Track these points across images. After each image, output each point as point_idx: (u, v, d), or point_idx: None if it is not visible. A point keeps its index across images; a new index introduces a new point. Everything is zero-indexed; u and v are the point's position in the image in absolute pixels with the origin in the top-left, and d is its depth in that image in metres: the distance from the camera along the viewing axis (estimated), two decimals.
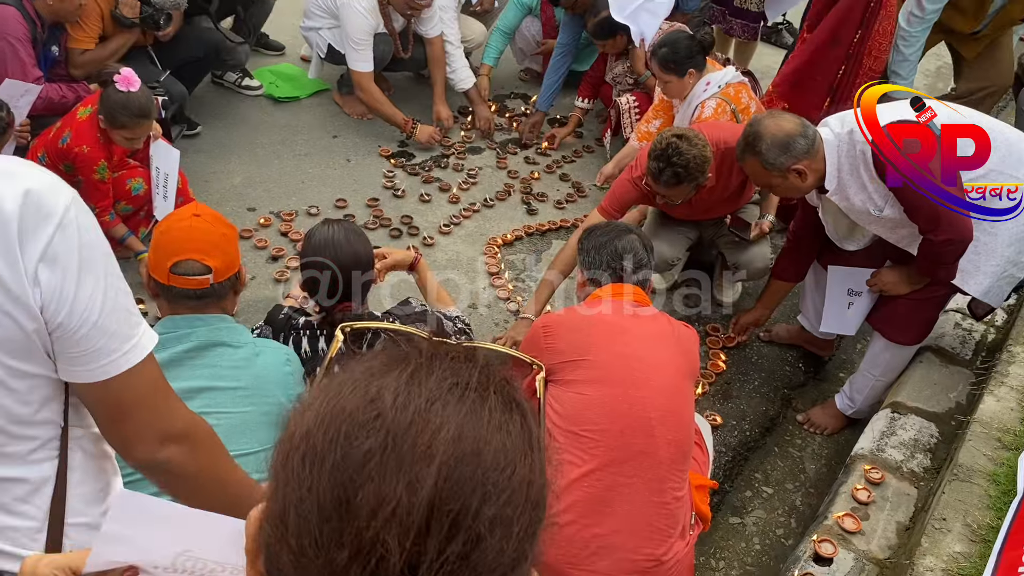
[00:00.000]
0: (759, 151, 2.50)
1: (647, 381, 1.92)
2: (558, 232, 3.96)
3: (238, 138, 4.30)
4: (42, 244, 0.91)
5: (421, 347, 0.70)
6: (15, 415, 0.96)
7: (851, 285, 2.90)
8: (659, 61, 3.47)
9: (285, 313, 2.22)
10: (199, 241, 1.84)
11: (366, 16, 4.12)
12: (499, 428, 0.64)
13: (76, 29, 3.56)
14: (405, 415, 0.61)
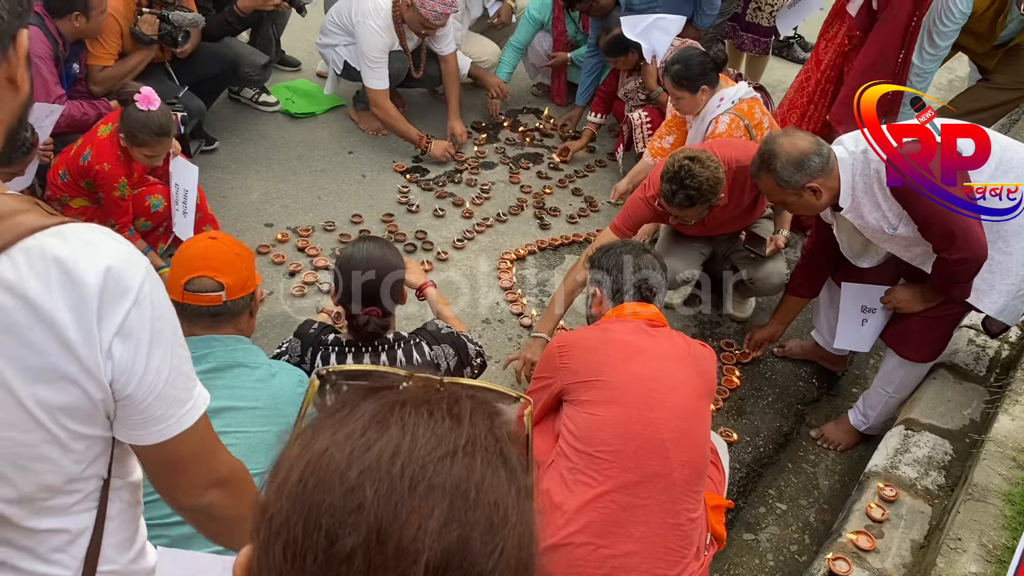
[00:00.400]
0: (774, 169, 2.52)
1: (662, 402, 1.93)
2: (571, 247, 3.98)
3: (255, 154, 4.35)
4: (119, 319, 0.93)
5: (402, 399, 0.68)
6: (68, 473, 0.97)
7: (865, 302, 2.91)
8: (672, 77, 3.49)
9: (315, 328, 2.25)
10: (212, 259, 1.88)
11: (381, 34, 4.17)
12: (488, 500, 0.62)
13: (95, 46, 3.61)
14: (388, 506, 0.59)
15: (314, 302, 3.44)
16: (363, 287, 2.13)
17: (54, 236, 0.90)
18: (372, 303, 2.14)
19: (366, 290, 2.13)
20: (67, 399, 0.92)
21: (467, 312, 3.49)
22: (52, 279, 0.88)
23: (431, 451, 0.64)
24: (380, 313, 2.14)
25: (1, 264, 0.86)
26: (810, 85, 3.94)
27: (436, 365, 2.20)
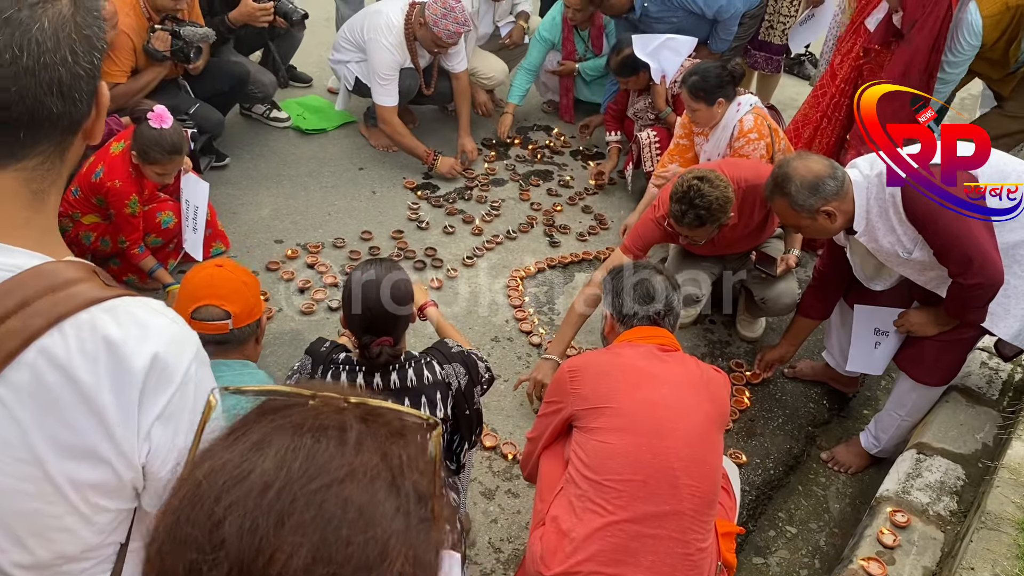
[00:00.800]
0: (788, 192, 2.51)
1: (672, 430, 1.92)
2: (580, 265, 3.97)
3: (266, 170, 4.37)
4: (161, 405, 0.91)
5: (293, 422, 0.67)
6: (88, 544, 0.96)
7: (877, 324, 2.89)
8: (689, 89, 3.49)
9: (327, 347, 2.24)
10: (219, 287, 1.88)
11: (392, 52, 4.19)
12: (366, 535, 0.61)
13: (108, 63, 3.62)
14: (252, 543, 0.58)
15: (323, 319, 3.44)
16: (374, 317, 2.08)
17: (107, 312, 0.88)
18: (384, 332, 2.12)
19: (378, 320, 2.09)
20: (98, 477, 0.90)
21: (476, 330, 3.49)
22: (100, 360, 0.86)
23: (307, 483, 0.62)
24: (392, 343, 2.12)
25: (52, 338, 0.85)
26: (825, 99, 3.93)
27: (447, 384, 2.19)
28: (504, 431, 2.98)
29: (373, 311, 2.06)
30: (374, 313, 2.07)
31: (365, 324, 2.08)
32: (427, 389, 2.14)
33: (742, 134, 3.46)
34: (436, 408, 2.16)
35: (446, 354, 2.23)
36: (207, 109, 3.95)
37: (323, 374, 2.17)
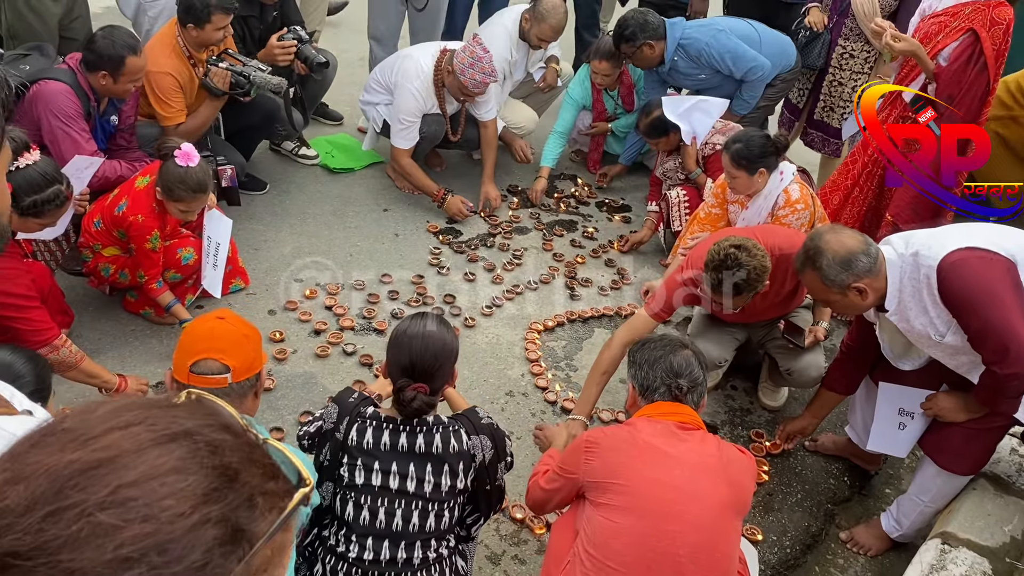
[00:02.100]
0: (820, 266, 2.44)
1: (681, 514, 1.84)
2: (601, 320, 3.91)
3: (291, 207, 4.37)
4: None
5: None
6: None
7: (903, 405, 2.80)
8: (731, 156, 3.44)
9: (355, 398, 2.21)
10: (219, 340, 1.85)
11: (417, 98, 4.22)
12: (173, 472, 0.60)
13: (163, 106, 3.67)
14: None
15: (337, 363, 3.40)
16: (415, 363, 2.09)
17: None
18: (422, 380, 2.10)
19: (418, 367, 2.09)
20: None
21: (491, 383, 3.43)
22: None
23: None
24: (428, 391, 2.10)
25: None
26: (856, 168, 3.88)
27: (472, 456, 2.15)
28: (514, 492, 2.91)
29: (415, 358, 2.08)
30: (416, 360, 2.08)
31: (406, 368, 2.09)
32: (451, 458, 2.10)
33: (788, 204, 3.42)
34: (457, 478, 2.11)
35: (475, 424, 2.19)
36: (231, 152, 3.97)
37: (348, 426, 2.13)
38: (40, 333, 2.64)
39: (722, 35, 4.34)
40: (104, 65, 3.24)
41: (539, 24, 4.47)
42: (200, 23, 3.59)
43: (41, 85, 3.21)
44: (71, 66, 3.30)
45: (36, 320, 2.65)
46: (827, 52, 4.44)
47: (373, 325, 3.63)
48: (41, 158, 2.66)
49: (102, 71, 3.25)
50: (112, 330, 3.42)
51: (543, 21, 4.46)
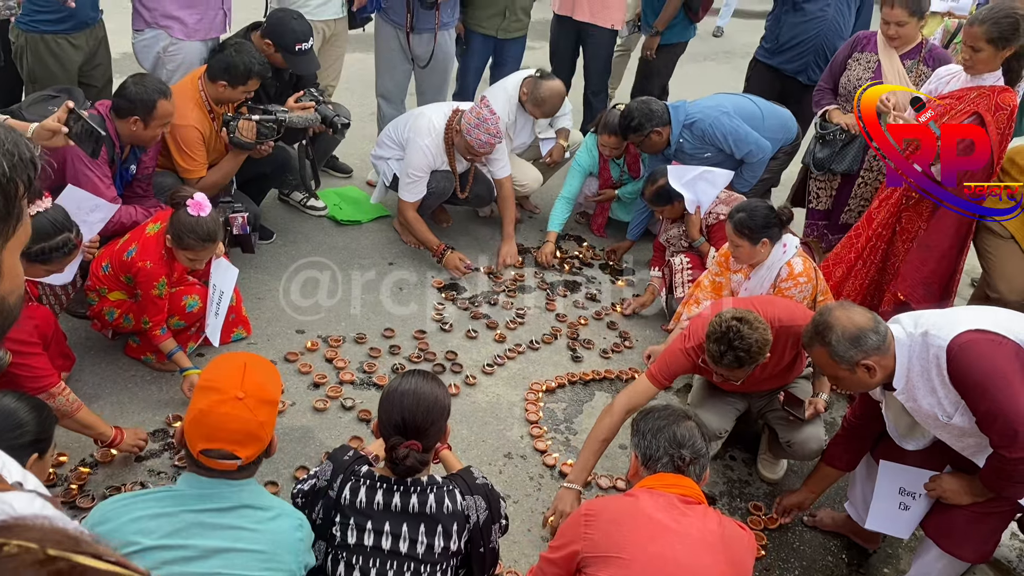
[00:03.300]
0: (828, 342, 2.45)
1: None
2: (602, 383, 3.90)
3: (297, 257, 4.39)
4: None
5: None
6: None
7: (904, 484, 2.77)
8: (735, 225, 3.48)
9: (350, 456, 2.20)
10: (235, 432, 1.83)
11: (427, 154, 4.30)
12: None
13: (187, 160, 3.72)
14: None
15: (335, 417, 3.38)
16: (407, 420, 2.09)
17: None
18: (415, 437, 2.09)
19: (410, 424, 2.09)
20: None
21: (489, 443, 3.40)
22: None
23: None
24: (420, 448, 2.09)
25: None
26: (860, 242, 3.91)
27: (466, 516, 2.13)
28: (508, 558, 2.86)
29: (407, 415, 2.08)
30: (408, 417, 2.08)
31: (398, 425, 2.09)
32: (444, 518, 2.08)
33: (791, 276, 3.44)
34: (451, 539, 2.09)
35: (470, 484, 2.18)
36: (244, 201, 4.00)
37: (342, 484, 2.12)
38: (38, 380, 2.63)
39: (724, 117, 4.42)
40: (136, 110, 3.28)
41: (533, 105, 4.62)
42: (234, 83, 3.66)
43: None
44: (100, 111, 3.34)
45: (36, 367, 2.64)
46: (862, 157, 4.28)
47: (373, 380, 3.62)
48: (53, 206, 2.69)
49: (134, 116, 3.29)
50: (112, 375, 3.41)
51: (538, 105, 4.61)
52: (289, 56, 4.04)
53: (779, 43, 4.96)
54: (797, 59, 4.96)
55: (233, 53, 3.67)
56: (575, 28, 5.46)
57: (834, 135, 4.26)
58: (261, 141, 3.79)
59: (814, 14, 4.80)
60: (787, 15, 4.92)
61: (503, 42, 5.19)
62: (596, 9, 5.33)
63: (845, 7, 4.83)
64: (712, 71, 7.32)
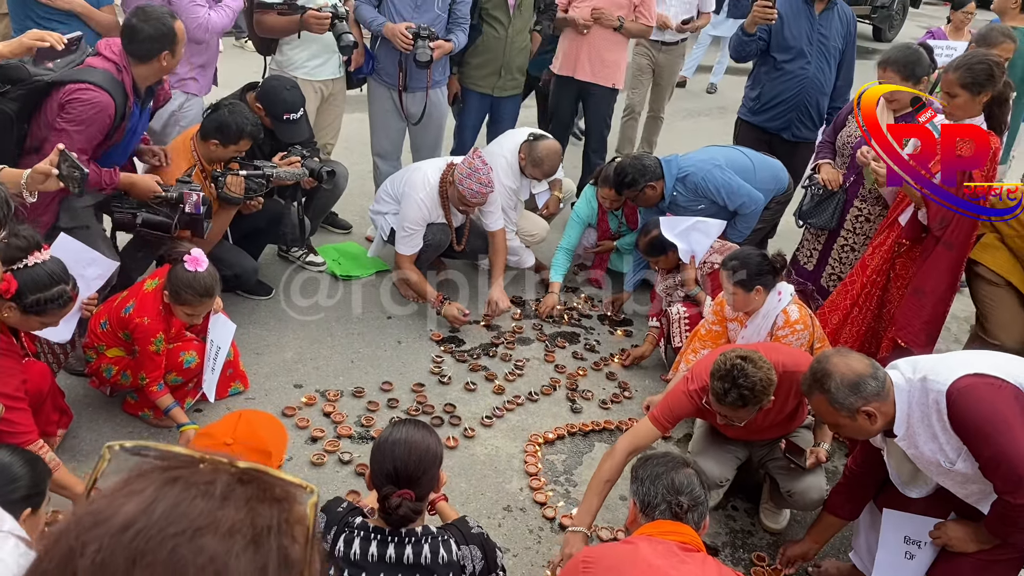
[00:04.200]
0: (828, 389, 2.44)
1: None
2: (602, 434, 3.87)
3: (296, 312, 4.40)
4: None
5: (175, 475, 0.71)
6: None
7: (909, 533, 2.73)
8: (728, 272, 3.50)
9: (343, 508, 2.18)
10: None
11: (422, 207, 4.36)
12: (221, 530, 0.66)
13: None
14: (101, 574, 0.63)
15: (333, 472, 3.35)
16: (399, 469, 2.08)
17: None
18: (407, 486, 2.08)
19: (402, 473, 2.08)
20: None
21: (488, 496, 3.37)
22: None
23: (165, 527, 0.65)
24: (413, 497, 2.08)
25: None
26: (855, 288, 3.91)
27: (462, 566, 2.10)
28: None
29: (399, 464, 2.08)
30: (400, 466, 2.08)
31: (390, 475, 2.08)
32: (440, 569, 2.06)
33: (787, 324, 3.45)
34: None
35: (465, 534, 2.16)
36: (240, 256, 4.04)
37: (335, 536, 2.10)
38: (17, 436, 2.60)
39: (717, 169, 4.48)
40: (165, 44, 3.28)
41: (532, 167, 4.70)
42: (226, 142, 3.73)
43: (83, 91, 3.16)
44: (109, 58, 3.26)
45: (17, 422, 2.62)
46: (841, 213, 4.28)
47: (371, 433, 3.60)
48: (50, 258, 2.70)
49: (163, 52, 3.29)
50: (109, 432, 3.39)
51: (537, 166, 4.68)
52: (277, 124, 4.14)
53: (761, 102, 5.02)
54: (779, 117, 4.98)
55: (226, 113, 3.74)
56: (576, 87, 5.57)
57: (814, 188, 4.31)
58: (250, 196, 3.84)
59: (794, 72, 4.84)
60: (767, 74, 4.97)
61: (499, 100, 5.29)
62: (597, 68, 5.45)
63: (825, 64, 4.86)
64: (706, 126, 7.44)
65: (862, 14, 13.08)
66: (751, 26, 4.78)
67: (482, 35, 5.01)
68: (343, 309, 4.53)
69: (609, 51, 5.44)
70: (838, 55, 4.90)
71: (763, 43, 4.87)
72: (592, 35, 5.36)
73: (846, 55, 4.92)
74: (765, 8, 4.68)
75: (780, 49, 4.86)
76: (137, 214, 3.42)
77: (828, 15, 4.84)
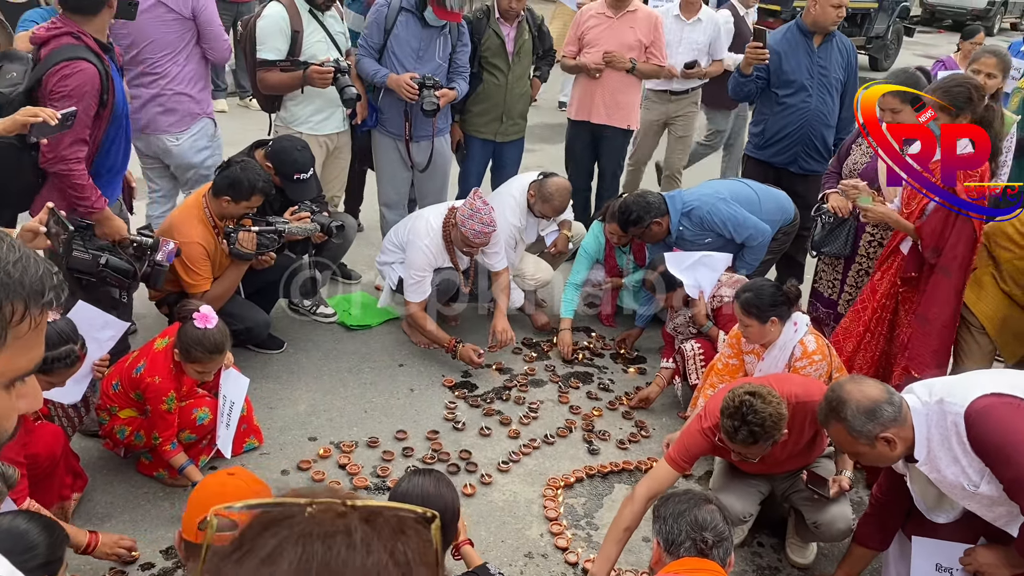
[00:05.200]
0: (844, 417, 2.41)
1: None
2: (621, 475, 3.82)
3: (307, 364, 4.40)
4: None
5: (298, 531, 0.70)
6: None
7: (940, 560, 2.66)
8: (741, 304, 3.48)
9: None
10: (230, 497, 1.81)
11: (427, 253, 4.39)
12: None
13: (191, 275, 3.79)
14: None
15: None
16: None
17: None
18: None
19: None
20: None
21: (508, 543, 3.31)
22: None
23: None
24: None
25: None
26: (866, 314, 3.87)
27: None
28: None
29: None
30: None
31: None
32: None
33: (806, 355, 3.42)
34: None
35: None
36: (253, 311, 4.05)
37: None
38: None
39: (722, 203, 4.49)
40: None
41: (543, 203, 4.71)
42: (238, 199, 3.78)
43: (62, 69, 3.17)
44: (58, 34, 3.25)
45: None
46: (854, 240, 4.24)
47: (387, 483, 3.56)
48: (61, 318, 2.71)
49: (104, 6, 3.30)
50: (125, 493, 3.37)
51: (547, 202, 4.70)
52: (287, 183, 4.19)
53: (765, 138, 5.04)
54: (785, 151, 4.98)
55: (239, 170, 3.79)
56: (591, 131, 5.61)
57: (824, 217, 4.27)
58: (262, 252, 3.87)
59: (796, 106, 4.85)
60: (769, 110, 4.98)
61: (502, 145, 5.33)
62: (611, 111, 5.49)
63: (827, 96, 4.87)
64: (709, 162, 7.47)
65: (858, 45, 13.19)
66: (746, 67, 4.82)
67: (483, 83, 5.08)
68: (355, 359, 4.52)
69: (623, 93, 5.48)
70: (840, 86, 4.91)
71: (762, 81, 4.90)
72: (605, 78, 5.40)
73: (848, 86, 4.93)
74: (756, 49, 4.72)
75: (780, 84, 4.88)
76: (102, 255, 3.32)
77: (827, 47, 4.87)
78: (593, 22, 5.41)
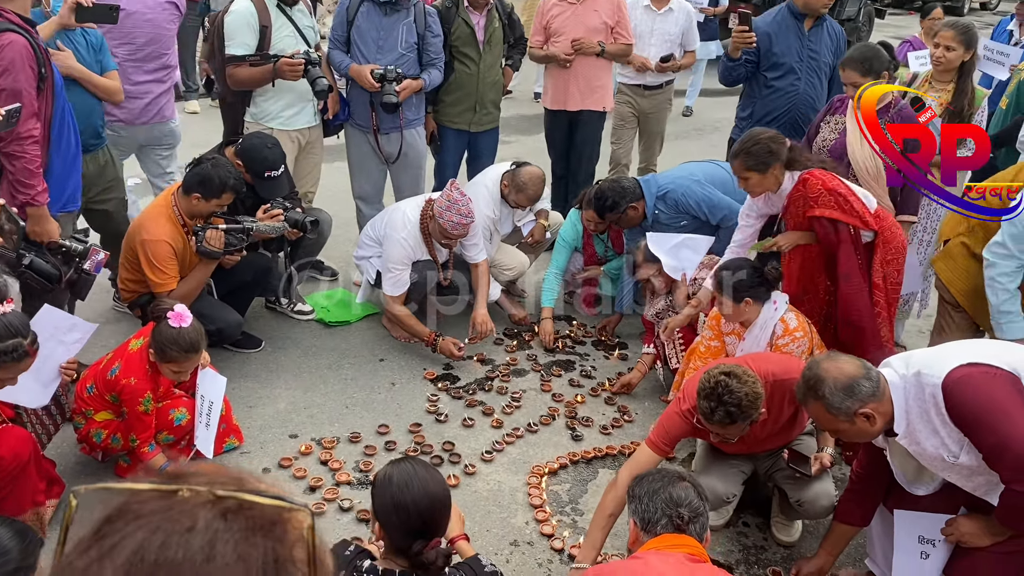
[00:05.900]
0: (822, 395, 2.41)
1: None
2: (605, 460, 3.81)
3: (286, 363, 4.37)
4: None
5: (150, 523, 0.68)
6: None
7: (922, 532, 2.68)
8: (718, 282, 3.49)
9: (351, 551, 2.13)
10: None
11: (405, 246, 4.36)
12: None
13: (157, 273, 3.72)
14: None
15: (333, 520, 3.29)
16: (428, 523, 2.03)
17: None
18: (434, 535, 2.03)
19: (430, 525, 2.04)
20: None
21: (494, 532, 3.30)
22: None
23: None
24: (441, 543, 2.04)
25: None
26: None
27: None
28: None
29: (426, 518, 2.01)
30: (428, 519, 2.02)
31: (419, 531, 2.01)
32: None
33: (787, 332, 3.43)
34: None
35: (478, 573, 2.11)
36: (226, 311, 4.01)
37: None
38: None
39: (695, 184, 4.48)
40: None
41: (517, 193, 4.70)
42: (208, 196, 3.73)
43: (4, 38, 3.12)
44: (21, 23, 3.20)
45: None
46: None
47: (370, 478, 3.54)
48: (12, 312, 2.64)
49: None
50: None
51: (521, 191, 4.68)
52: (258, 181, 4.15)
53: (752, 120, 5.02)
54: None
55: (209, 167, 3.74)
56: (568, 118, 5.59)
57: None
58: (229, 251, 3.82)
59: (784, 89, 4.84)
60: (758, 93, 4.96)
61: (476, 135, 5.31)
62: (586, 95, 5.48)
63: (816, 79, 4.85)
64: (684, 148, 7.49)
65: None
66: (734, 51, 4.81)
67: (455, 72, 5.05)
68: (335, 356, 4.49)
69: (596, 78, 5.48)
70: (828, 71, 4.89)
71: (752, 64, 4.88)
72: (576, 65, 5.39)
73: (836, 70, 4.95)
74: (743, 33, 4.70)
75: (770, 67, 4.84)
76: (25, 255, 3.18)
77: (818, 31, 4.83)
78: (556, 10, 5.39)
